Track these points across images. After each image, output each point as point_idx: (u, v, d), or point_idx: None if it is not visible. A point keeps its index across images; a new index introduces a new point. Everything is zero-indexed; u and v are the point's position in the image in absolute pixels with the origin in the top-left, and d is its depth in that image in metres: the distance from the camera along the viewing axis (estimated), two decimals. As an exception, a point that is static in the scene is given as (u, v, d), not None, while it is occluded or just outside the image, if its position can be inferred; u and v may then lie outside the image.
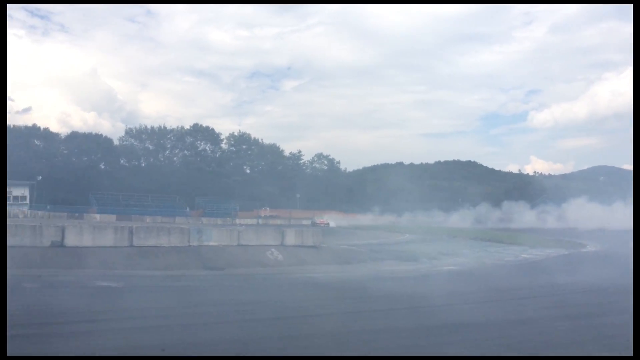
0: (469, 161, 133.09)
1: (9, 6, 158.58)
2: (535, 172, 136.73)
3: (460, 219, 68.10)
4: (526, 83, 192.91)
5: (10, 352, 6.22)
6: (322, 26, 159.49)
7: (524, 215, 67.89)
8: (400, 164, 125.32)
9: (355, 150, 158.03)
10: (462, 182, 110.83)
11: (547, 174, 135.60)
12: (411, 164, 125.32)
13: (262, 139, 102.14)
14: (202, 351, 6.72)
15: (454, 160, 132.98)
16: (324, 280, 15.16)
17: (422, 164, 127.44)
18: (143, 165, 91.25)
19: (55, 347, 6.62)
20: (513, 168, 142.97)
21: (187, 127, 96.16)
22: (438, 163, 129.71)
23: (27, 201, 62.81)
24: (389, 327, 8.59)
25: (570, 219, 55.92)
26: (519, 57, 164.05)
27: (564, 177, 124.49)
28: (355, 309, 10.44)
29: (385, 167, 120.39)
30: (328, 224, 57.32)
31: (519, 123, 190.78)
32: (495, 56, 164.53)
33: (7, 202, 59.59)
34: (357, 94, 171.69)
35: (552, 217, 62.52)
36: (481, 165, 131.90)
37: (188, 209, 73.41)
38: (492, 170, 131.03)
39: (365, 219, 74.70)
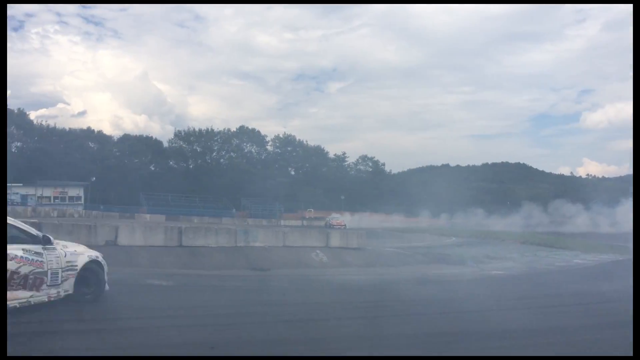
0: (518, 163, 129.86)
1: (65, 13, 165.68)
2: (588, 174, 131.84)
3: (509, 222, 66.45)
4: (578, 82, 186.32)
5: (73, 346, 6.57)
6: (367, 27, 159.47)
7: (576, 219, 65.70)
8: (446, 166, 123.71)
9: (401, 152, 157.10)
10: (511, 184, 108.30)
11: (600, 176, 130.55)
12: (457, 166, 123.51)
13: (306, 141, 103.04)
14: (249, 350, 6.91)
15: (502, 162, 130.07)
16: (367, 282, 15.20)
17: (469, 166, 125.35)
18: (191, 166, 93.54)
19: (111, 342, 6.94)
20: (564, 170, 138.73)
21: (233, 129, 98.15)
22: (485, 165, 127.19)
23: (82, 201, 65.48)
24: (419, 331, 8.58)
25: (626, 222, 53.61)
26: (571, 55, 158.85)
27: (619, 179, 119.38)
28: (391, 312, 10.47)
29: (431, 169, 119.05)
30: (345, 225, 53.00)
31: (571, 124, 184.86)
32: (546, 55, 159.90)
33: (64, 202, 62.39)
34: (403, 95, 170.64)
35: (607, 220, 60.19)
36: (531, 168, 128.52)
37: (234, 210, 74.77)
38: (543, 172, 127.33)
39: (410, 221, 74.06)
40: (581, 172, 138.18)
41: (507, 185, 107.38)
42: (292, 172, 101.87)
